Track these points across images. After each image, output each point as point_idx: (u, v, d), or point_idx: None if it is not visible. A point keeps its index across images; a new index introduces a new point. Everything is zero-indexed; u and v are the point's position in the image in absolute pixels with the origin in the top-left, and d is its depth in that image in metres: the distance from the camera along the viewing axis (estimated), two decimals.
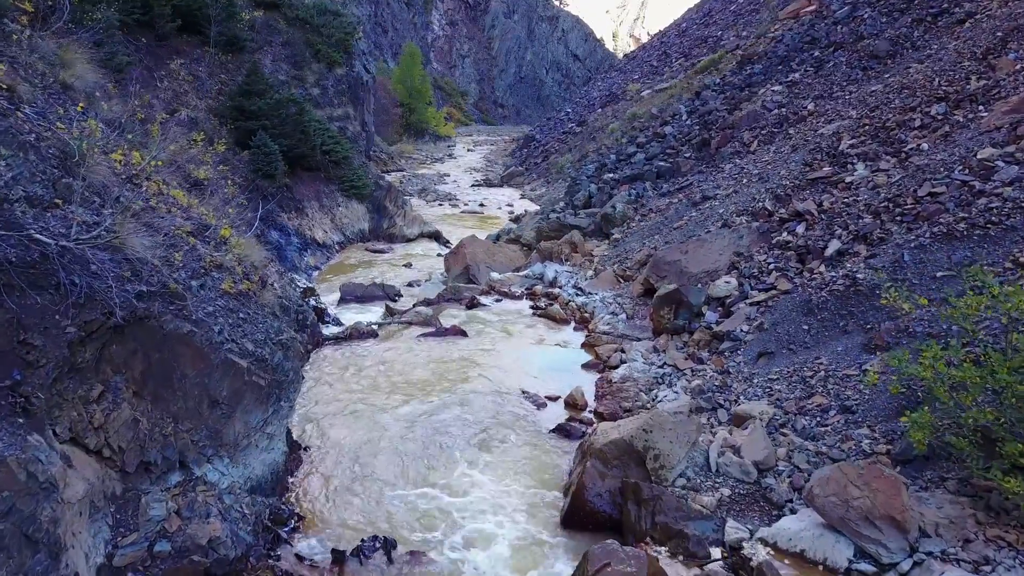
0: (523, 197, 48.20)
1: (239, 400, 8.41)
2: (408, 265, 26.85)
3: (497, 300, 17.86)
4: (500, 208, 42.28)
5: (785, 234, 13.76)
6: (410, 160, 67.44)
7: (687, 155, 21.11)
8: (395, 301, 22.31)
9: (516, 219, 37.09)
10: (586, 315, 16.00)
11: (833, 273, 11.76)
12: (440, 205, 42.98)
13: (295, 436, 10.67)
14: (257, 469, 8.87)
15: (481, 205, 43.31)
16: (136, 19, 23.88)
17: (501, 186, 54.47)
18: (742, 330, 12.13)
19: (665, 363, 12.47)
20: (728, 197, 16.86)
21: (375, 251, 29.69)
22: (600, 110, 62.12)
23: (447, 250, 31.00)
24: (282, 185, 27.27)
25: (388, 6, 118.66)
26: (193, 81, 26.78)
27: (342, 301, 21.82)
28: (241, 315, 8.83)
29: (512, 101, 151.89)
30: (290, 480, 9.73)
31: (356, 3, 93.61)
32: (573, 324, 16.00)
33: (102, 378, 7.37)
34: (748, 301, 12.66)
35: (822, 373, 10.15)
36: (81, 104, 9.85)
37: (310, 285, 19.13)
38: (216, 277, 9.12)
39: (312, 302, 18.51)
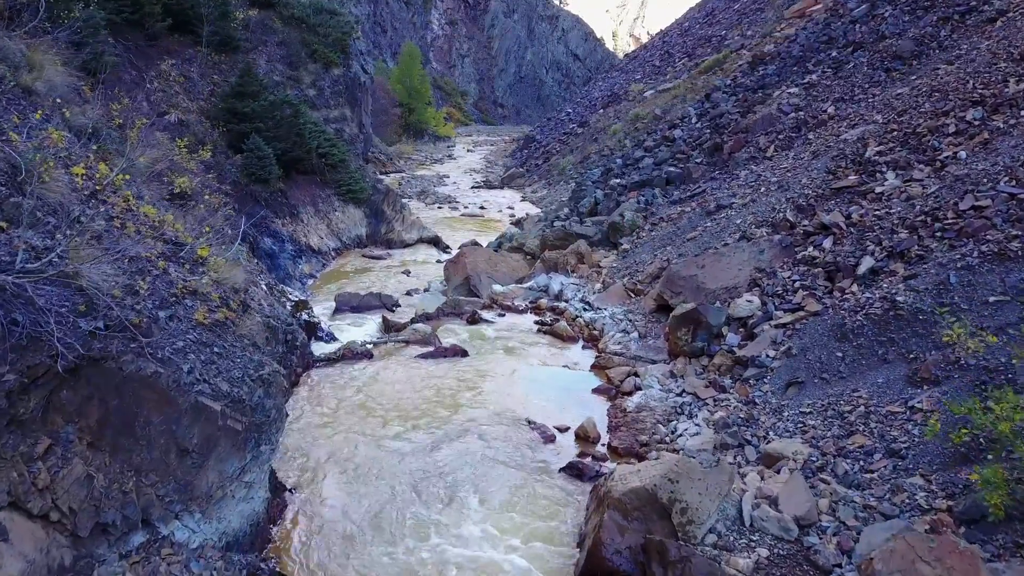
0: (524, 199, 47.43)
1: (212, 447, 7.43)
2: (406, 272, 26.00)
3: (500, 315, 16.88)
4: (501, 211, 41.50)
5: (811, 249, 12.77)
6: (409, 161, 66.62)
7: (698, 160, 20.11)
8: (392, 311, 21.42)
9: (517, 223, 36.33)
10: (595, 332, 15.02)
11: (868, 294, 10.77)
12: (440, 208, 42.17)
13: (279, 476, 9.69)
14: (233, 522, 7.89)
15: (481, 208, 42.51)
16: (125, 18, 22.99)
17: (501, 188, 53.69)
18: (768, 355, 11.14)
19: (684, 390, 11.48)
20: (745, 206, 15.87)
21: (373, 257, 28.83)
22: (602, 111, 61.29)
23: (447, 256, 30.08)
24: (276, 190, 26.43)
25: (387, 5, 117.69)
26: (184, 82, 25.90)
27: (337, 312, 21.00)
28: (216, 349, 7.85)
29: (512, 101, 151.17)
30: (273, 529, 8.76)
31: (354, 2, 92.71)
32: (581, 342, 15.01)
33: (50, 430, 6.39)
34: (773, 323, 11.67)
35: (862, 408, 9.16)
36: (40, 111, 8.88)
37: (303, 298, 18.13)
38: (189, 306, 8.13)
39: (304, 316, 17.53)
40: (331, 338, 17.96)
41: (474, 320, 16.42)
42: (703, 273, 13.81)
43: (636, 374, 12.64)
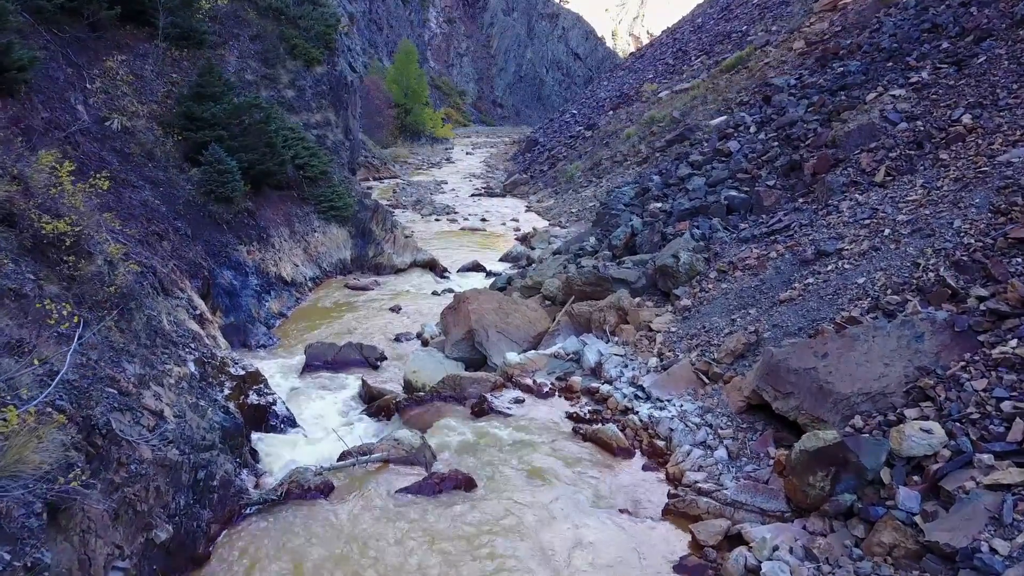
0: (529, 209, 43.56)
1: None
2: (396, 309, 21.73)
3: (518, 400, 12.25)
4: (504, 223, 37.65)
5: (1013, 341, 8.19)
6: (405, 165, 62.59)
7: (769, 183, 15.52)
8: (376, 368, 17.18)
9: (523, 238, 32.58)
10: (658, 442, 10.40)
11: None
12: (437, 220, 38.21)
13: None
14: None
15: (483, 220, 38.62)
16: (60, 5, 18.86)
17: (503, 196, 49.97)
18: (992, 549, 6.54)
19: None
20: (863, 256, 11.25)
21: (358, 288, 24.46)
22: (611, 112, 57.36)
23: (444, 283, 25.76)
24: (242, 210, 22.03)
25: (383, 2, 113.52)
26: (135, 82, 21.52)
27: (308, 368, 16.72)
28: None
29: (512, 101, 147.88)
30: None
31: None
32: (639, 457, 10.38)
33: None
34: (981, 478, 7.07)
35: None
36: None
37: (251, 370, 13.50)
38: None
39: (253, 396, 12.99)
40: (289, 424, 13.46)
41: (481, 411, 11.83)
42: (827, 366, 9.21)
43: (742, 539, 8.04)
